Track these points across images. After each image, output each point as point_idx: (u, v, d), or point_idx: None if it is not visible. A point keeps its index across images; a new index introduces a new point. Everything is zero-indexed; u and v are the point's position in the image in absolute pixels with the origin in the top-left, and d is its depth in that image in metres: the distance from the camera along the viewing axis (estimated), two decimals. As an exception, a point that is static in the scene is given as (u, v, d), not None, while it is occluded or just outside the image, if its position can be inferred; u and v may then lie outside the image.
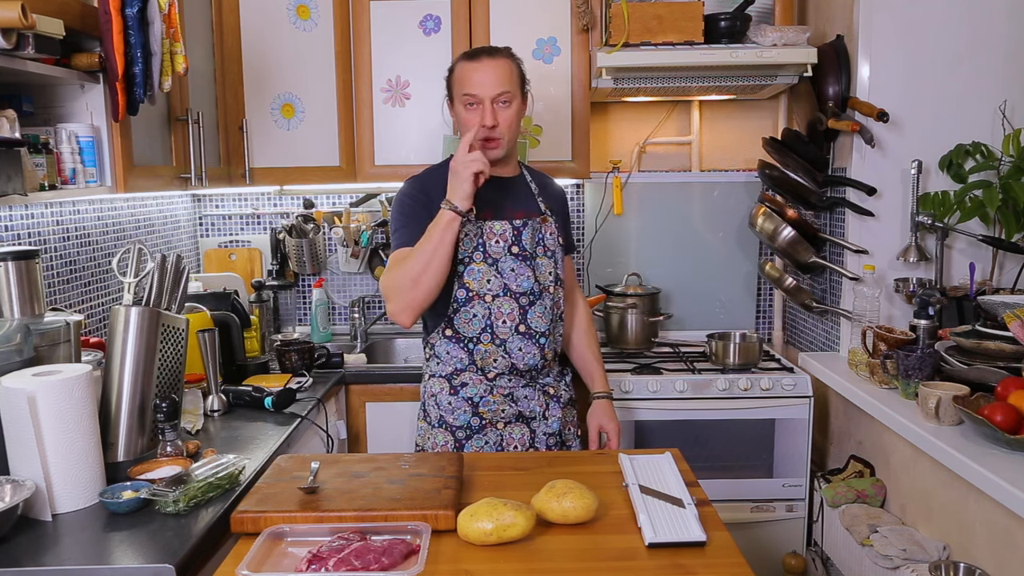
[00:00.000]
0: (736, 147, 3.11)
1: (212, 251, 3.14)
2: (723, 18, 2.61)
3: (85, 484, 1.47)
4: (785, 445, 2.52)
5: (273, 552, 1.28)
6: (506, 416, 1.96)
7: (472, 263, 1.91)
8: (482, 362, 1.94)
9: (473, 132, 1.82)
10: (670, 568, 1.24)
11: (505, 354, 1.93)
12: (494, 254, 1.91)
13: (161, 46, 1.79)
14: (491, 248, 1.91)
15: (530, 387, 1.98)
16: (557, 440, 2.02)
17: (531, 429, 1.99)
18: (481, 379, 1.95)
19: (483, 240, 1.91)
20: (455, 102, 1.93)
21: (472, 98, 1.87)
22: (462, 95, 1.89)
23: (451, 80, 1.95)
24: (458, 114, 1.93)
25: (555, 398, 2.02)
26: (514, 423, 1.97)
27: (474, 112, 1.87)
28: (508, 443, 1.96)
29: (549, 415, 2.00)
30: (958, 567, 1.73)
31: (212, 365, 2.06)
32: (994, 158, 2.34)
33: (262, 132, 2.71)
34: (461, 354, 1.95)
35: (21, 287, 1.63)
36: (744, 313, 3.13)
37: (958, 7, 2.38)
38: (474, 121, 1.86)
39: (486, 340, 1.93)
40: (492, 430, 1.96)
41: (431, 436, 1.98)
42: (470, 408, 1.95)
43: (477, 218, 1.91)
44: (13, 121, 1.57)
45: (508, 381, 1.96)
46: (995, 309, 2.05)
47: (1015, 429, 1.68)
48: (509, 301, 1.92)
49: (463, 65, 1.91)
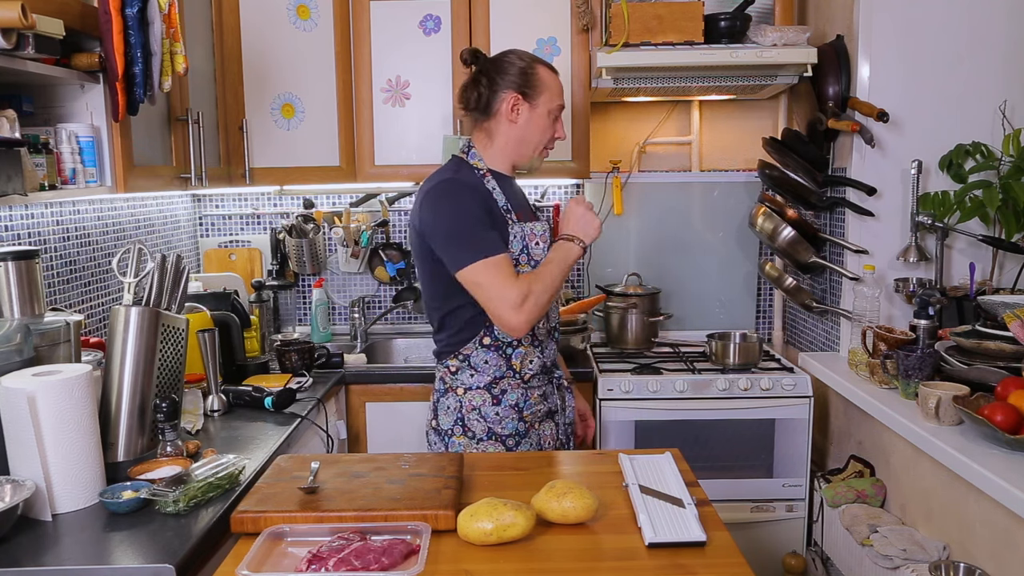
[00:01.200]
0: (736, 147, 3.11)
1: (212, 251, 3.14)
2: (723, 18, 2.61)
3: (85, 484, 1.47)
4: (785, 445, 2.52)
5: (273, 552, 1.28)
6: (540, 415, 1.98)
7: (519, 265, 1.88)
8: (520, 366, 1.94)
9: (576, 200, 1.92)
10: (670, 568, 1.24)
11: (540, 355, 1.96)
12: (536, 256, 1.89)
13: (161, 46, 1.79)
14: (533, 250, 1.90)
15: (550, 384, 2.02)
16: (572, 430, 2.08)
17: (555, 423, 2.02)
18: (518, 384, 1.94)
19: (526, 243, 1.89)
20: (536, 106, 1.90)
21: (559, 110, 1.94)
22: (556, 106, 1.93)
23: (534, 81, 1.90)
24: (539, 119, 1.91)
25: (567, 389, 2.07)
26: (545, 420, 2.00)
27: (556, 123, 1.94)
28: (543, 440, 1.99)
29: (566, 405, 2.06)
30: (958, 567, 1.73)
31: (212, 365, 2.06)
32: (994, 158, 2.34)
33: (262, 132, 2.71)
34: (500, 361, 1.92)
35: (21, 287, 1.63)
36: (744, 313, 3.13)
37: (958, 7, 2.38)
38: (554, 131, 1.94)
39: (527, 342, 1.93)
40: (533, 432, 1.97)
41: (477, 450, 1.92)
42: (516, 414, 1.93)
43: (517, 220, 1.91)
44: (13, 121, 1.57)
45: (539, 381, 1.98)
46: (995, 309, 2.05)
47: (1015, 429, 1.68)
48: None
49: (548, 74, 1.93)
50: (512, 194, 1.95)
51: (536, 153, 1.95)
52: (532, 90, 1.90)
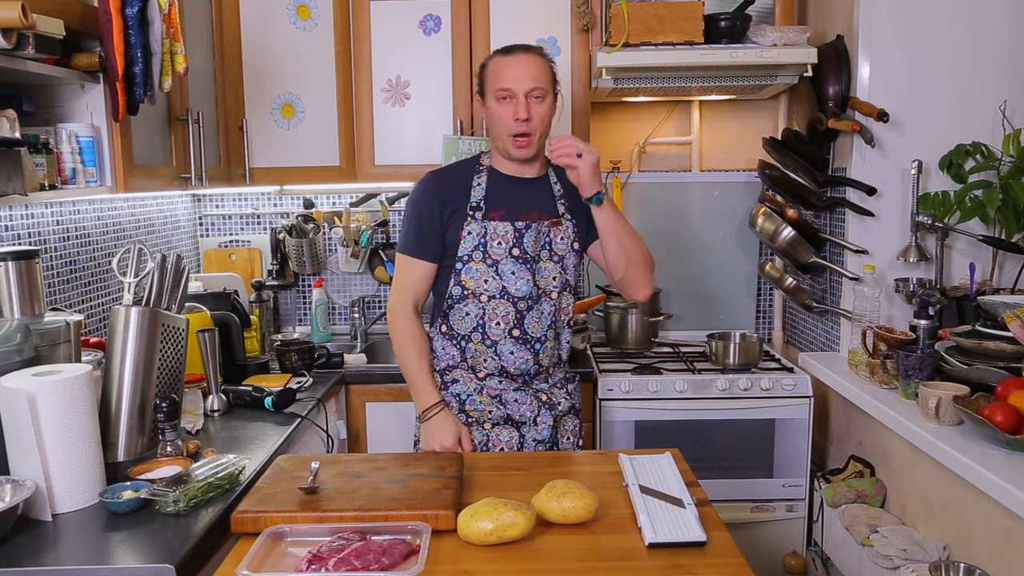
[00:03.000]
0: (736, 147, 3.11)
1: (212, 251, 3.14)
2: (723, 18, 2.61)
3: (85, 484, 1.47)
4: (785, 445, 2.52)
5: (273, 552, 1.28)
6: (493, 418, 1.95)
7: (471, 261, 1.91)
8: (472, 361, 1.95)
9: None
10: (670, 568, 1.24)
11: (495, 356, 1.93)
12: (494, 255, 1.91)
13: (161, 46, 1.79)
14: (492, 249, 1.90)
15: (522, 391, 1.96)
16: (547, 448, 1.97)
17: (520, 434, 1.96)
18: (471, 378, 1.96)
19: (485, 240, 1.90)
20: (487, 97, 1.90)
21: (506, 92, 1.85)
22: (496, 89, 1.86)
23: (484, 75, 1.92)
24: (490, 109, 1.90)
25: (548, 405, 1.96)
26: (502, 425, 1.95)
27: (507, 106, 1.86)
28: (495, 444, 1.95)
29: (540, 421, 1.95)
30: (958, 567, 1.73)
31: (212, 365, 2.06)
32: (994, 158, 2.34)
33: (262, 132, 2.71)
34: (454, 351, 1.96)
35: (21, 287, 1.63)
36: (744, 313, 3.13)
37: (958, 7, 2.38)
38: (507, 114, 1.85)
39: (476, 340, 1.93)
40: (478, 429, 1.95)
41: (418, 428, 1.99)
42: (457, 405, 1.95)
43: (484, 217, 1.91)
44: (13, 121, 1.57)
45: (498, 383, 1.95)
46: (995, 309, 2.05)
47: (1015, 429, 1.68)
48: (505, 304, 1.91)
49: (498, 59, 1.89)
50: (503, 192, 1.93)
51: (511, 144, 1.88)
52: (482, 86, 1.94)
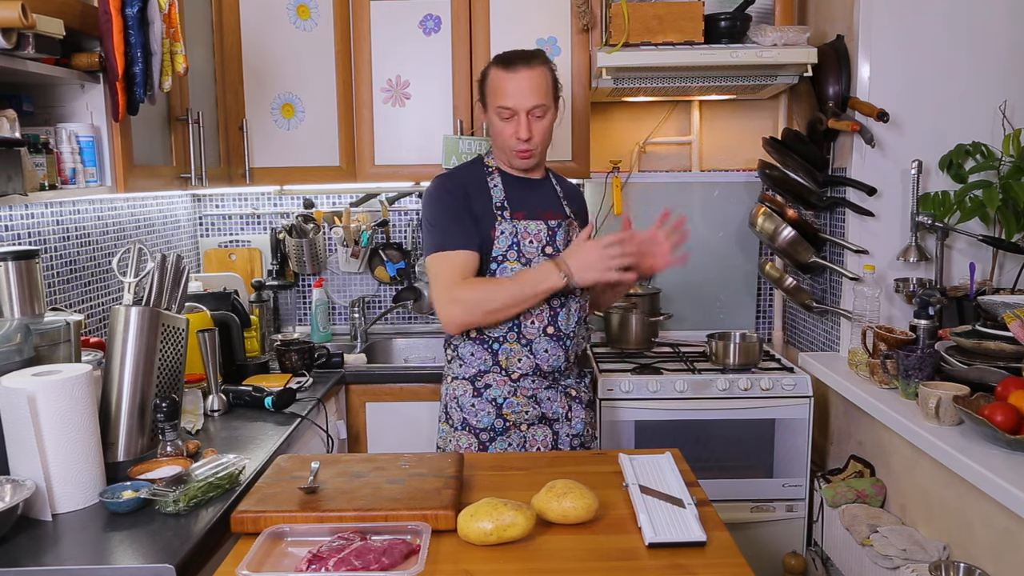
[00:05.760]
0: (736, 147, 3.11)
1: (212, 251, 3.14)
2: (723, 18, 2.61)
3: (85, 484, 1.47)
4: (785, 445, 2.52)
5: (273, 552, 1.28)
6: (529, 418, 1.95)
7: (506, 262, 1.90)
8: (506, 362, 1.93)
9: (586, 231, 1.83)
10: (670, 568, 1.24)
11: (530, 355, 1.93)
12: (528, 254, 1.90)
13: (161, 46, 1.78)
14: (525, 248, 1.90)
15: (553, 389, 1.98)
16: (580, 441, 2.01)
17: (554, 431, 1.98)
18: (505, 380, 1.94)
19: (518, 239, 1.90)
20: (489, 109, 1.91)
21: (508, 111, 1.86)
22: (497, 106, 1.87)
23: (484, 86, 1.93)
24: (492, 122, 1.91)
25: (577, 400, 2.01)
26: (537, 425, 1.96)
27: (509, 124, 1.87)
28: (531, 444, 1.95)
29: (572, 416, 1.99)
30: (958, 567, 1.73)
31: (212, 365, 2.06)
32: (994, 158, 2.34)
33: (262, 132, 2.71)
34: (485, 355, 1.94)
35: (21, 287, 1.63)
36: (744, 313, 3.13)
37: (958, 7, 2.38)
38: (508, 131, 1.88)
39: (512, 339, 1.92)
40: (516, 432, 1.95)
41: (454, 438, 1.96)
42: (494, 410, 1.94)
43: (511, 217, 1.91)
44: (13, 121, 1.57)
45: (532, 382, 1.95)
46: (995, 309, 2.05)
47: (1015, 429, 1.68)
48: (540, 302, 1.90)
49: (498, 73, 1.88)
50: (519, 193, 1.95)
51: (513, 156, 1.91)
52: (484, 96, 1.95)
